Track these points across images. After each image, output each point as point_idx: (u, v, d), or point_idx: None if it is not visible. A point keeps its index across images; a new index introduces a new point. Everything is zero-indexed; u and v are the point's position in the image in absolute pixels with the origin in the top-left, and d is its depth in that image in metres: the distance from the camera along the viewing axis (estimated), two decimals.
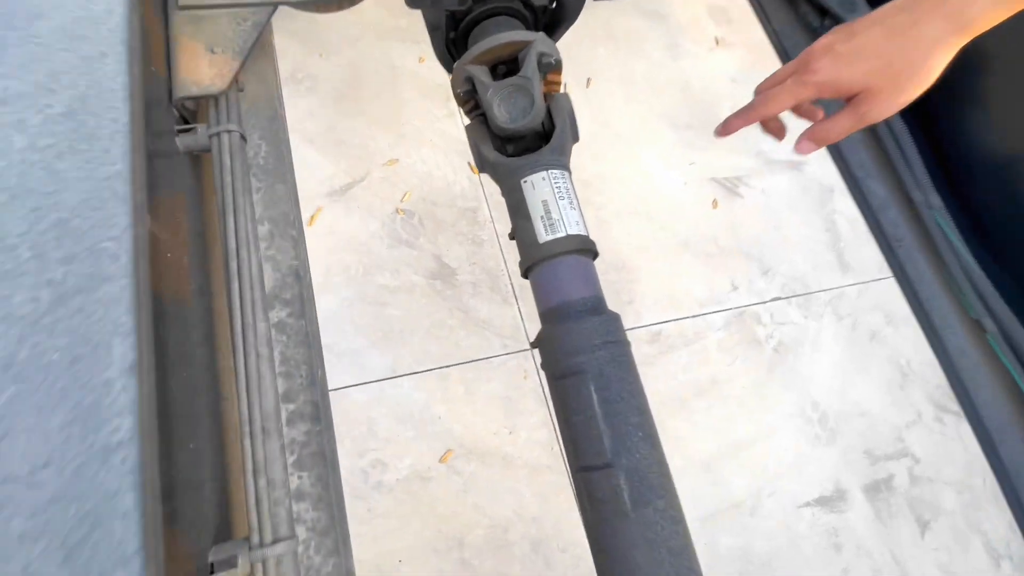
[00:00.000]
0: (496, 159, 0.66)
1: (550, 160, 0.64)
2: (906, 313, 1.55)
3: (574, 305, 0.60)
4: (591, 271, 0.64)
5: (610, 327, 0.60)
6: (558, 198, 0.63)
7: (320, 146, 1.32)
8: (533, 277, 0.63)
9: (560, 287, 0.61)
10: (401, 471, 1.11)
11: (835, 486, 1.30)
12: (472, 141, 0.70)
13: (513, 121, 0.63)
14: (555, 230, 0.61)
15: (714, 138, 0.59)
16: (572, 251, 0.61)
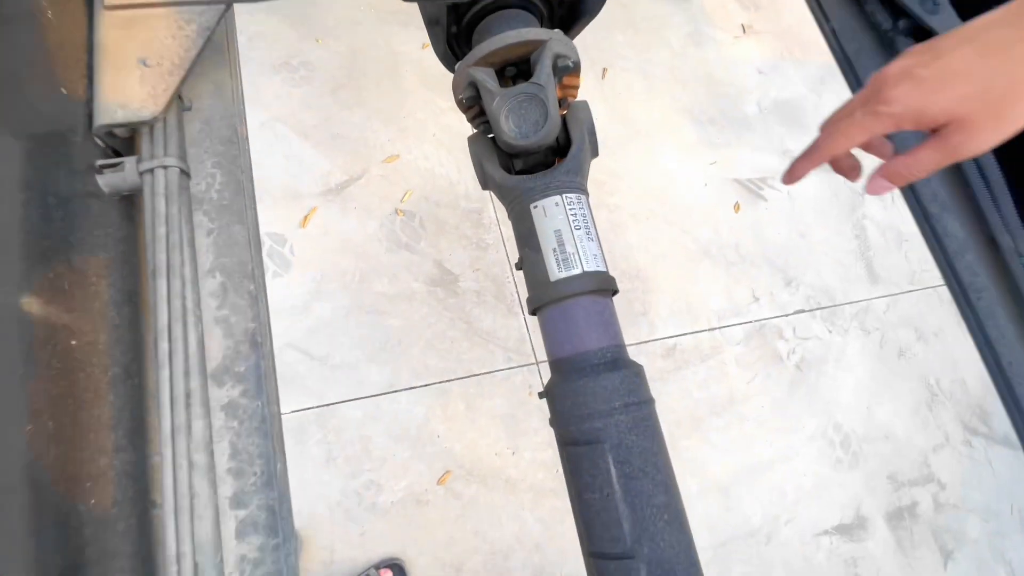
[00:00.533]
0: (502, 179, 0.57)
1: (565, 182, 0.55)
2: (936, 328, 1.46)
3: (590, 357, 0.52)
4: (610, 315, 0.55)
5: (632, 385, 0.52)
6: (573, 227, 0.54)
7: (315, 140, 1.23)
8: (543, 319, 0.55)
9: (574, 335, 0.53)
10: (397, 493, 1.05)
11: (856, 513, 1.23)
12: (474, 155, 0.61)
13: (523, 137, 0.54)
14: (569, 266, 0.53)
15: (738, 135, 0.50)
16: (588, 292, 0.53)
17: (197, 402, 0.29)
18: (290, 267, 1.14)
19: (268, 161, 1.20)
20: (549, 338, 0.54)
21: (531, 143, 0.53)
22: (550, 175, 0.55)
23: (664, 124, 1.42)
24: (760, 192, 1.44)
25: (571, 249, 0.53)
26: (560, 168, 0.55)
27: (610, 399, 0.49)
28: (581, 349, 0.51)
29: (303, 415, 1.06)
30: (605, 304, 0.54)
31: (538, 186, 0.55)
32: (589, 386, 0.49)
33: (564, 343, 0.52)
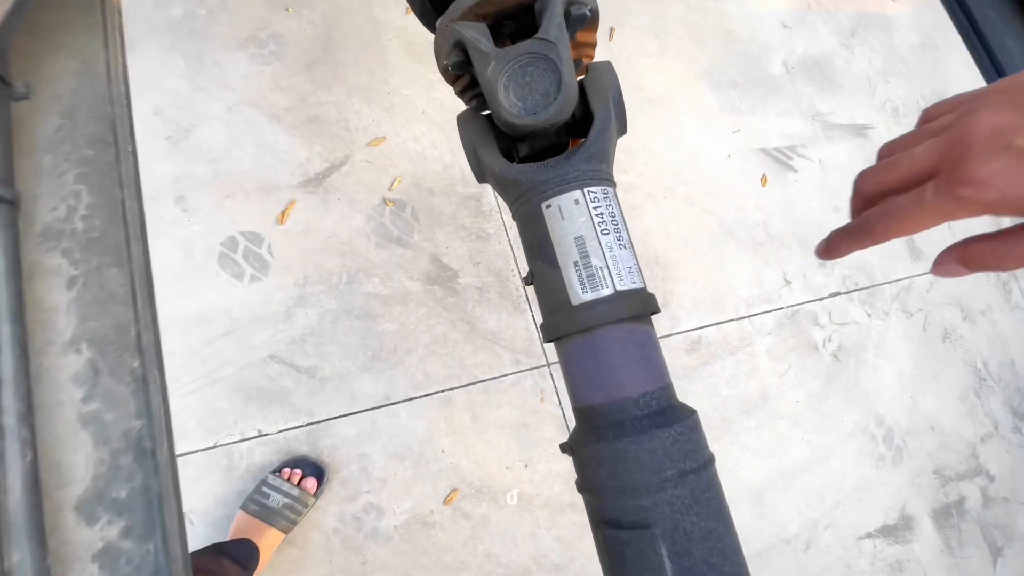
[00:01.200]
0: (503, 170, 0.44)
1: (586, 171, 0.42)
2: (983, 306, 1.33)
3: (629, 407, 0.39)
4: (652, 348, 0.43)
5: (689, 443, 0.39)
6: (600, 232, 0.41)
7: (290, 124, 1.09)
8: (563, 353, 0.43)
9: (607, 377, 0.40)
10: (400, 516, 0.95)
11: (900, 513, 1.13)
12: (466, 139, 0.47)
13: (529, 113, 0.41)
14: (597, 285, 0.40)
15: (763, 98, 0.38)
16: (625, 319, 0.41)
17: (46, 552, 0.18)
18: (269, 269, 1.01)
19: (237, 151, 1.06)
20: (573, 379, 0.42)
21: (540, 121, 0.40)
22: (566, 163, 0.42)
23: (681, 90, 1.27)
24: (789, 162, 1.29)
25: (598, 262, 0.40)
26: (579, 153, 0.42)
27: (661, 466, 0.37)
28: (618, 396, 0.39)
29: (291, 435, 0.95)
30: (645, 334, 0.42)
31: (551, 178, 0.42)
32: (632, 450, 0.38)
33: (594, 387, 0.40)
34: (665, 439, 0.36)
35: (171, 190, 1.03)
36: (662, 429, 0.36)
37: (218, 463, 0.92)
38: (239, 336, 0.98)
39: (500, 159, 0.42)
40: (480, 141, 0.43)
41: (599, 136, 0.41)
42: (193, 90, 1.09)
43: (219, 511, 0.91)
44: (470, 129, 0.44)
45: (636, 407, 0.37)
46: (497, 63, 0.39)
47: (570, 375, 0.40)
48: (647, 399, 0.38)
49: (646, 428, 0.36)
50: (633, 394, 0.37)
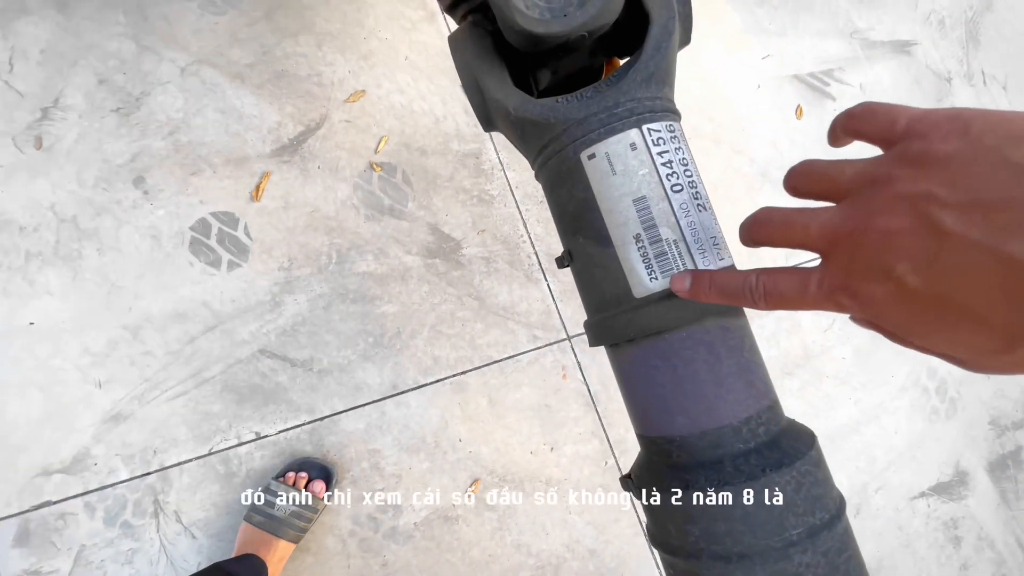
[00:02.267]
0: (521, 106, 0.30)
1: (645, 100, 0.29)
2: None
3: (729, 440, 0.27)
4: (751, 350, 0.30)
5: (817, 485, 0.27)
6: (671, 189, 0.29)
7: (255, 84, 0.95)
8: (623, 363, 0.31)
9: (694, 399, 0.28)
10: (420, 512, 0.88)
11: (955, 469, 1.05)
12: (464, 66, 0.34)
13: (557, 14, 0.27)
14: (670, 267, 0.27)
15: (793, 17, 0.42)
16: (714, 314, 0.29)
17: None
18: (248, 253, 0.90)
19: (198, 120, 0.92)
20: (641, 400, 0.31)
21: (572, 26, 0.27)
22: (615, 90, 0.29)
23: (703, 10, 1.10)
24: (826, 89, 1.14)
25: (670, 233, 0.28)
26: (632, 74, 0.29)
27: (782, 525, 0.26)
28: (711, 425, 0.28)
29: (292, 435, 0.86)
30: (741, 332, 0.30)
31: (594, 114, 0.29)
32: (740, 504, 0.27)
33: (674, 413, 0.29)
34: (786, 486, 0.25)
35: (127, 170, 0.90)
36: (780, 471, 0.25)
37: (216, 471, 0.84)
38: (223, 331, 0.87)
39: (515, 92, 0.30)
40: (484, 68, 0.30)
41: (660, 47, 0.28)
42: (140, 51, 0.94)
43: (222, 521, 0.83)
44: (469, 52, 0.31)
45: (739, 439, 0.26)
46: None
47: (636, 394, 0.29)
48: (753, 426, 0.27)
49: (757, 471, 0.25)
50: (733, 420, 0.26)
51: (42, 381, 0.82)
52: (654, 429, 0.28)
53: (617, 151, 0.27)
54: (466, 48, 0.31)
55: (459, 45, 0.32)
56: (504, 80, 0.30)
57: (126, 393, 0.84)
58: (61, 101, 0.90)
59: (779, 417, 0.28)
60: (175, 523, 0.82)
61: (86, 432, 0.83)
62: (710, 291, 0.26)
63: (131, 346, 0.85)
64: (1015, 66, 1.28)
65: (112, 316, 0.85)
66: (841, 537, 0.26)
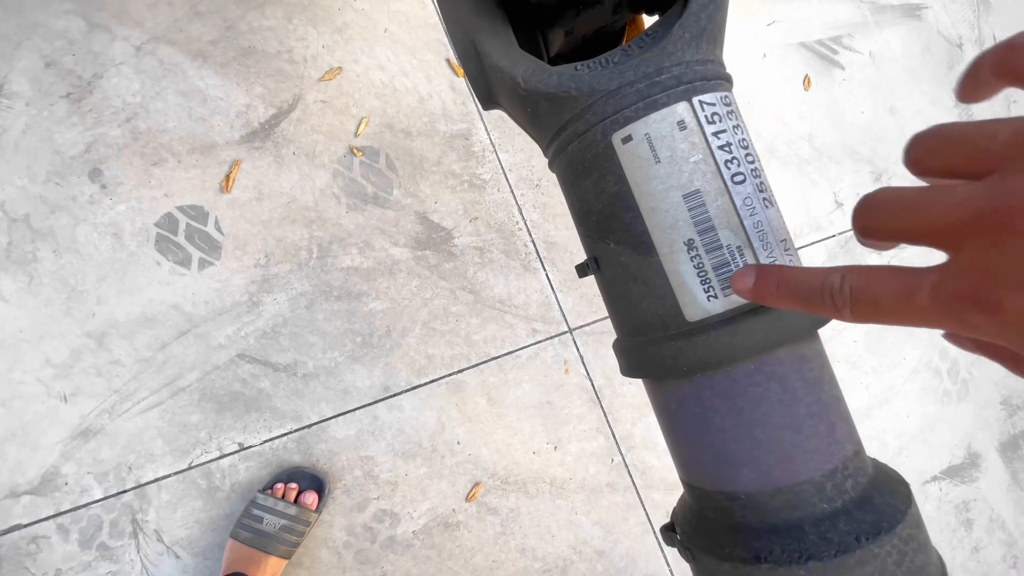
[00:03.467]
0: (532, 75, 0.24)
1: (694, 64, 0.23)
2: None
3: (810, 499, 0.19)
4: (831, 383, 0.23)
5: (920, 551, 0.21)
6: (732, 180, 0.22)
7: (219, 62, 0.86)
8: (671, 401, 0.26)
9: (766, 449, 0.23)
10: (418, 520, 0.83)
11: (966, 451, 1.03)
12: (457, 26, 0.27)
13: None
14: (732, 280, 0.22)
15: None
16: (788, 343, 0.23)
17: None
18: (221, 250, 0.83)
19: (158, 104, 0.84)
20: (696, 447, 0.25)
21: None
22: (655, 52, 0.22)
23: None
24: (834, 58, 1.07)
25: (732, 237, 0.22)
26: (680, 29, 0.23)
27: None
28: (785, 481, 0.22)
29: (278, 444, 0.80)
30: (820, 363, 0.24)
31: (629, 82, 0.22)
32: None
33: (739, 465, 0.24)
34: (887, 557, 0.20)
35: (82, 162, 0.81)
36: (878, 540, 0.20)
37: (197, 486, 0.78)
38: (198, 335, 0.81)
39: (525, 57, 0.23)
40: (483, 27, 0.24)
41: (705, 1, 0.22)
42: (89, 30, 0.85)
43: (207, 539, 0.78)
44: (463, 6, 0.24)
45: (822, 497, 0.21)
46: None
47: (686, 437, 0.24)
48: (839, 480, 0.21)
49: (850, 541, 0.20)
50: (815, 474, 0.21)
51: (1, 396, 0.75)
52: (712, 483, 0.23)
53: (661, 131, 0.21)
54: (459, 1, 0.24)
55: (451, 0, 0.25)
56: (509, 43, 0.23)
57: (95, 406, 0.77)
58: (5, 88, 0.81)
59: (866, 465, 0.22)
60: (156, 543, 0.76)
61: (53, 450, 0.76)
62: (778, 292, 0.19)
63: (96, 355, 0.78)
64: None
65: (74, 323, 0.78)
66: None
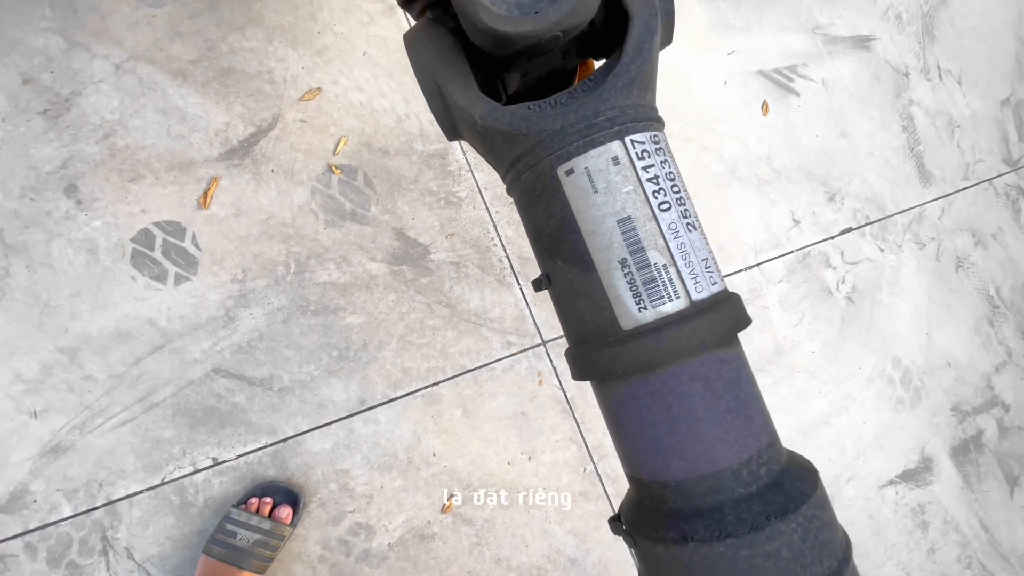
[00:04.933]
0: (489, 115, 0.27)
1: (627, 108, 0.26)
2: (994, 228, 1.25)
3: (728, 484, 0.24)
4: (749, 383, 0.27)
5: (824, 529, 0.25)
6: (658, 208, 0.26)
7: (199, 81, 0.88)
8: (613, 401, 0.29)
9: (690, 440, 0.26)
10: (393, 533, 0.84)
11: (920, 455, 1.08)
12: (423, 68, 0.30)
13: (527, 10, 0.23)
14: (660, 295, 0.24)
15: (757, 11, 0.40)
16: (710, 347, 0.27)
17: None
18: (198, 266, 0.83)
19: (137, 121, 0.85)
20: (631, 440, 0.28)
21: (544, 25, 0.24)
22: (593, 96, 0.26)
23: None
24: (790, 85, 1.14)
25: (659, 257, 0.25)
26: (612, 79, 0.26)
27: None
28: (709, 469, 0.25)
29: (253, 459, 0.81)
30: (738, 364, 0.27)
31: (572, 123, 0.25)
32: (743, 557, 0.24)
33: (668, 455, 0.27)
34: (792, 534, 0.23)
35: (57, 178, 0.82)
36: (785, 519, 0.23)
37: (170, 502, 0.78)
38: (172, 350, 0.81)
39: (482, 99, 0.26)
40: (446, 71, 0.27)
41: (642, 48, 0.25)
42: (69, 47, 0.86)
43: (179, 556, 0.77)
44: (428, 53, 0.27)
45: (739, 482, 0.24)
46: None
47: (625, 433, 0.27)
48: (754, 468, 0.24)
49: (760, 520, 0.23)
50: (733, 462, 0.24)
51: None
52: (647, 473, 0.25)
53: (599, 165, 0.24)
54: (425, 48, 0.27)
55: (417, 45, 0.28)
56: (469, 85, 0.26)
57: (66, 422, 0.77)
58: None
59: (779, 454, 0.26)
60: (127, 560, 0.76)
61: (22, 467, 0.75)
62: None
63: (68, 370, 0.77)
64: (969, 60, 1.32)
65: (46, 338, 0.78)
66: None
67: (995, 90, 1.34)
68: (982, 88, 1.32)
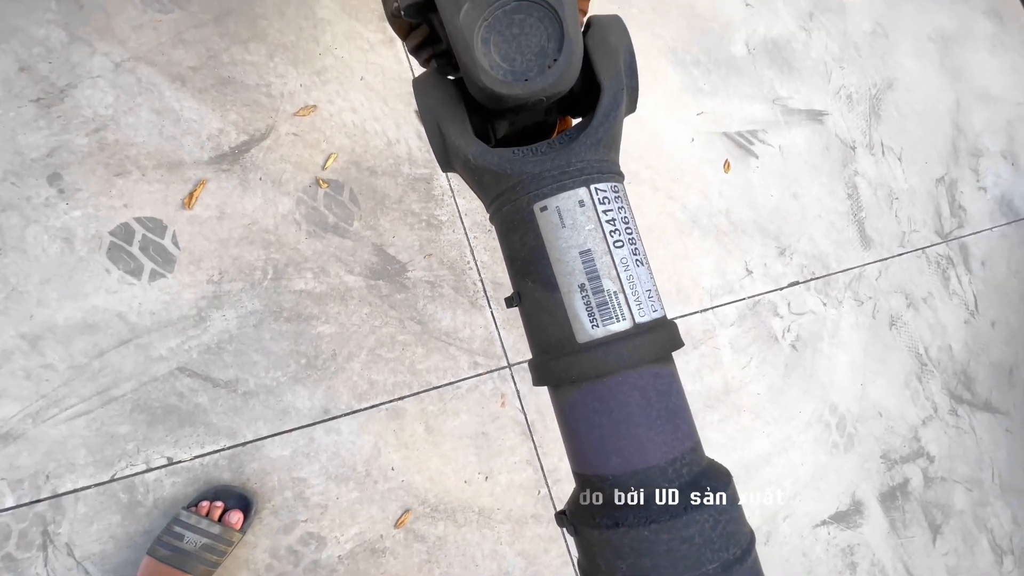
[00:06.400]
0: (479, 156, 0.32)
1: (593, 162, 0.32)
2: (925, 293, 1.38)
3: (655, 478, 0.30)
4: (678, 397, 0.33)
5: (732, 522, 0.31)
6: (613, 245, 0.31)
7: (197, 87, 0.91)
8: (563, 403, 0.33)
9: (627, 439, 0.31)
10: (344, 545, 0.84)
11: (852, 499, 1.15)
12: (427, 112, 0.35)
13: (519, 78, 0.29)
14: (611, 316, 0.30)
15: (725, 80, 0.33)
16: (647, 362, 0.32)
17: None
18: (175, 264, 0.85)
19: (130, 119, 0.87)
20: (578, 438, 0.33)
21: (533, 90, 0.29)
22: (567, 151, 0.31)
23: (645, 65, 1.19)
24: (750, 147, 1.25)
25: (611, 285, 0.31)
26: (584, 138, 0.32)
27: (700, 560, 0.29)
28: (640, 464, 0.30)
29: (209, 461, 0.81)
30: (671, 379, 0.33)
31: (548, 171, 0.31)
32: (663, 540, 0.29)
33: (608, 452, 0.31)
34: (704, 523, 0.28)
35: (42, 166, 0.83)
36: (699, 510, 0.28)
37: (118, 499, 0.77)
38: (139, 345, 0.81)
39: (475, 141, 0.31)
40: (447, 115, 0.32)
41: (609, 115, 0.31)
42: (71, 41, 0.88)
43: (121, 556, 0.76)
44: (433, 99, 0.32)
45: (664, 478, 0.28)
46: (473, 6, 0.28)
47: (574, 433, 0.31)
48: (677, 467, 0.29)
49: (679, 509, 0.28)
50: (660, 461, 0.29)
51: None
52: (590, 468, 0.30)
53: (567, 206, 0.29)
54: (431, 94, 0.32)
55: (424, 90, 0.33)
56: (465, 128, 0.31)
57: (19, 410, 0.75)
58: None
59: (701, 458, 0.30)
60: (66, 557, 0.73)
61: None
62: None
63: (28, 358, 0.76)
64: (909, 140, 1.47)
65: (8, 323, 0.77)
66: (750, 570, 0.28)
67: (931, 169, 1.49)
68: (920, 166, 1.47)
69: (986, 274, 1.46)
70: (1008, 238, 1.54)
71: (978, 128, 1.60)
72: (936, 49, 1.61)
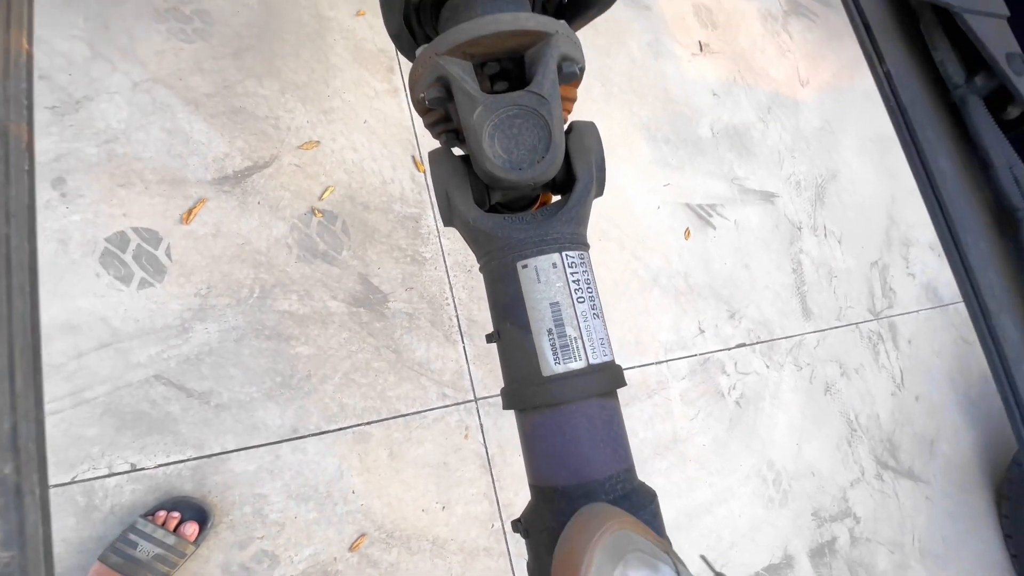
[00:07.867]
0: (477, 220, 0.41)
1: (566, 234, 0.41)
2: (857, 364, 1.51)
3: (596, 490, 0.37)
4: (619, 426, 0.41)
5: (653, 529, 0.39)
6: (576, 300, 0.40)
7: (209, 112, 0.97)
8: (528, 425, 0.40)
9: (576, 457, 0.38)
10: (297, 565, 0.85)
11: (784, 552, 1.23)
12: (439, 179, 0.44)
13: (514, 167, 0.38)
14: (570, 356, 0.38)
15: (691, 157, 0.40)
16: (596, 395, 0.39)
17: None
18: (165, 274, 0.88)
19: (140, 135, 0.92)
20: (537, 455, 0.39)
21: (525, 178, 0.38)
22: (546, 224, 0.40)
23: (622, 138, 1.32)
24: (709, 219, 1.39)
25: (572, 332, 0.39)
26: (561, 215, 0.40)
27: None
28: (585, 478, 0.37)
29: (173, 470, 0.82)
30: (614, 411, 0.40)
31: (530, 237, 0.39)
32: None
33: (559, 467, 0.38)
34: None
35: (48, 169, 0.86)
36: None
37: (75, 502, 0.77)
38: (118, 350, 0.83)
39: (475, 208, 0.39)
40: (454, 184, 0.40)
41: (580, 200, 0.39)
42: (93, 57, 0.94)
43: (71, 560, 0.75)
44: (445, 170, 0.40)
45: (603, 491, 0.35)
46: (485, 109, 0.36)
47: (533, 450, 0.38)
48: (613, 482, 0.36)
49: None
50: (601, 476, 0.35)
51: None
52: (544, 480, 0.36)
53: (543, 267, 0.37)
54: (443, 166, 0.41)
55: (438, 162, 0.41)
56: (468, 196, 0.39)
57: None
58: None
59: (633, 478, 0.37)
60: None
61: None
62: None
63: None
64: (848, 226, 1.64)
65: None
66: None
67: (867, 253, 1.66)
68: (857, 250, 1.64)
69: (912, 352, 1.62)
70: (932, 321, 1.71)
71: (910, 220, 1.80)
72: (877, 149, 1.82)
